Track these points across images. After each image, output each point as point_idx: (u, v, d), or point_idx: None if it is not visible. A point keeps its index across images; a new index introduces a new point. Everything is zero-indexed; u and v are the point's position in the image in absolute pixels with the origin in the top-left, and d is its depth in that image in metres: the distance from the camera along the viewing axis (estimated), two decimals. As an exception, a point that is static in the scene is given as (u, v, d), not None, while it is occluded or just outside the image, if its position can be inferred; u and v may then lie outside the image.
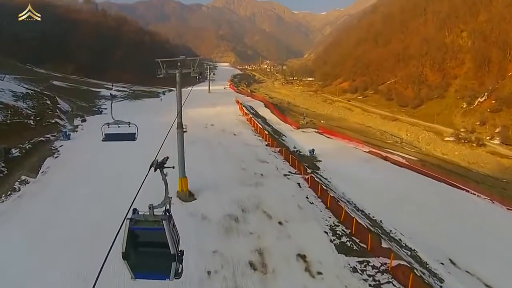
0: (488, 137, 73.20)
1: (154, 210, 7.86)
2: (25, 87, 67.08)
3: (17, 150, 38.96)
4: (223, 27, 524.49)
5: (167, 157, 8.87)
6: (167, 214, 8.01)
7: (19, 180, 32.20)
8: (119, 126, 17.64)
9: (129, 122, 17.33)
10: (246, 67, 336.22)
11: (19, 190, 30.53)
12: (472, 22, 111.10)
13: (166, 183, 8.74)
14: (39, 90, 70.51)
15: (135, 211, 7.87)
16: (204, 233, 23.42)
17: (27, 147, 40.70)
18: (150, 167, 8.29)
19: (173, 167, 9.05)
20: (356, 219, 25.31)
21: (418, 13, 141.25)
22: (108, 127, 17.87)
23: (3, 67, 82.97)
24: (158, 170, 8.63)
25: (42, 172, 34.82)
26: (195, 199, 28.71)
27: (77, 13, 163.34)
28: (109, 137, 18.82)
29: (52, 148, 42.34)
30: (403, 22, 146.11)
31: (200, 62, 30.24)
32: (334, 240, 23.78)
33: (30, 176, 33.42)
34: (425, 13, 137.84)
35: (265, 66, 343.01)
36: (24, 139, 42.59)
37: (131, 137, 18.21)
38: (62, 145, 43.20)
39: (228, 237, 23.47)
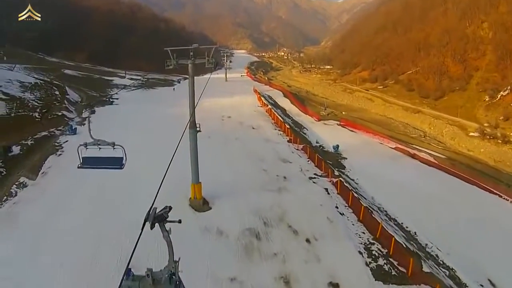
0: (512, 133, 69.38)
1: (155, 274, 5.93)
2: (34, 77, 64.79)
3: (19, 147, 36.09)
4: (239, 14, 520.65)
5: (170, 207, 6.20)
6: (173, 278, 6.05)
7: (17, 183, 29.27)
8: (100, 148, 14.13)
9: (114, 143, 13.81)
10: (263, 54, 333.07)
11: (16, 195, 27.58)
12: (493, 13, 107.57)
13: (169, 243, 6.32)
14: (48, 80, 68.00)
15: (129, 273, 5.98)
16: (220, 254, 20.31)
17: (29, 143, 37.81)
18: (145, 221, 5.80)
19: (180, 222, 6.29)
20: (394, 238, 21.96)
21: (438, 3, 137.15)
22: (86, 148, 14.32)
23: (14, 57, 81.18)
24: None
25: (43, 173, 31.85)
26: (210, 208, 25.50)
27: (90, 1, 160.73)
28: (88, 162, 15.22)
29: (56, 144, 39.25)
30: (423, 11, 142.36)
31: (216, 49, 26.71)
32: (370, 263, 20.81)
33: (29, 177, 30.56)
34: (445, 2, 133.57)
35: (282, 54, 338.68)
36: (27, 134, 39.70)
37: (116, 162, 14.65)
38: (67, 141, 39.99)
39: (248, 259, 20.27)
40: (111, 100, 67.29)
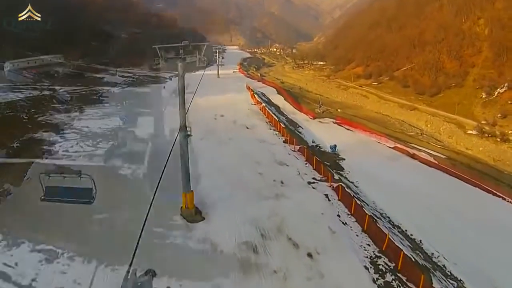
0: (510, 131, 68.68)
1: None
2: (25, 76, 63.20)
3: (4, 150, 34.51)
4: (231, 10, 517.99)
5: (154, 272, 4.71)
6: None
7: (0, 190, 27.75)
8: (64, 177, 12.52)
9: (80, 172, 12.21)
10: (255, 50, 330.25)
11: (-1, 203, 26.07)
12: (489, 9, 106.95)
13: None
14: (38, 78, 66.43)
15: None
16: (215, 273, 18.65)
17: (15, 146, 36.18)
18: None
19: None
20: (403, 252, 20.61)
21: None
22: (49, 178, 12.72)
23: (7, 57, 79.73)
24: None
25: (28, 178, 30.13)
26: (203, 218, 23.86)
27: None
28: (52, 193, 13.55)
29: (43, 147, 37.58)
30: (418, 7, 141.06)
31: (208, 46, 25.30)
32: (377, 279, 19.51)
33: (13, 184, 28.98)
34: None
35: (275, 50, 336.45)
36: (14, 136, 38.04)
37: (85, 195, 13.01)
38: (54, 143, 38.41)
39: (246, 278, 18.74)
40: (100, 98, 65.72)
